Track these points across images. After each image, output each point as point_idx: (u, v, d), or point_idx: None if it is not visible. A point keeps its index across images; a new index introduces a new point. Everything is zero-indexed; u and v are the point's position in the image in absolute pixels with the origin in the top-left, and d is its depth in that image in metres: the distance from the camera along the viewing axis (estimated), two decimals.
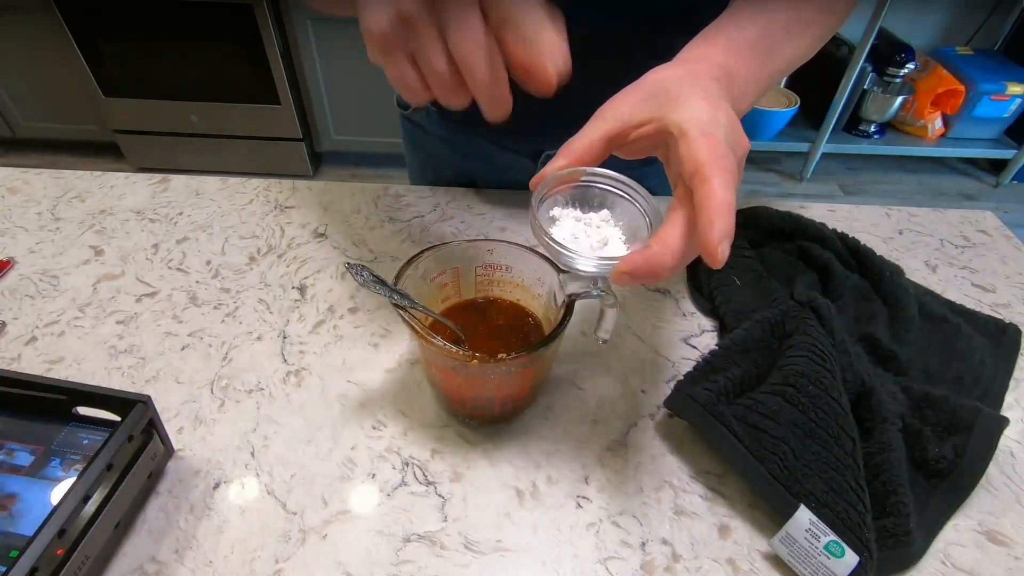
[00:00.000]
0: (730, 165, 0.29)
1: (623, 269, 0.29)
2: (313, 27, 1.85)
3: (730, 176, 0.28)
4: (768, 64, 0.38)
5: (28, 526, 0.33)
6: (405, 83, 0.33)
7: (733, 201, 0.28)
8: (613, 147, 0.34)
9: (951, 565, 0.38)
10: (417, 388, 0.47)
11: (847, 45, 2.07)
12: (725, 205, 0.28)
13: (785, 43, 0.39)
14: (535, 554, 0.37)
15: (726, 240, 0.27)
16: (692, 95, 0.31)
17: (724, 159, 0.29)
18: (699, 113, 0.30)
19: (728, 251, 0.28)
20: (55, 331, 0.50)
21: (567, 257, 0.33)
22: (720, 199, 0.28)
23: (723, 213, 0.27)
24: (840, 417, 0.39)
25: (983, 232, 0.66)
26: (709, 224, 0.27)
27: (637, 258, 0.29)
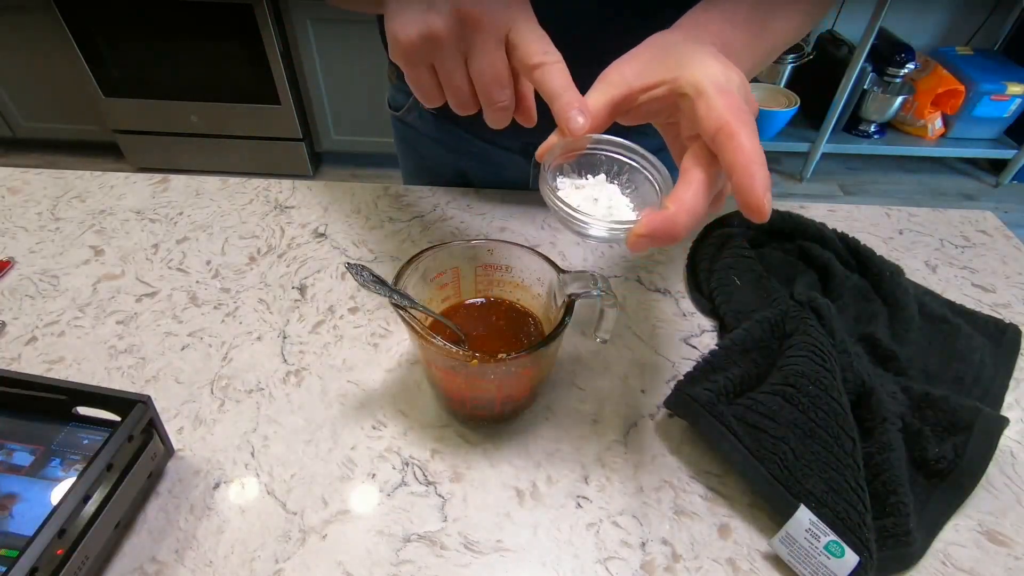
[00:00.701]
0: (751, 121, 0.28)
1: (641, 231, 0.29)
2: (313, 27, 1.85)
3: (754, 131, 0.28)
4: (761, 38, 0.38)
5: (28, 526, 0.33)
6: (422, 89, 0.34)
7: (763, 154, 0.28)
8: (618, 113, 0.33)
9: (951, 565, 0.38)
10: (417, 388, 0.47)
11: (847, 45, 2.07)
12: (758, 156, 0.27)
13: (778, 18, 0.39)
14: (535, 554, 0.37)
15: (768, 191, 0.27)
16: (703, 55, 0.31)
17: (745, 114, 0.28)
18: (714, 72, 0.30)
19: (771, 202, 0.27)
20: (55, 331, 0.50)
21: (579, 224, 0.32)
22: (753, 152, 0.27)
23: (758, 163, 0.27)
24: (840, 417, 0.39)
25: (983, 232, 0.66)
26: (751, 177, 0.27)
27: (655, 219, 0.28)
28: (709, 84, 0.29)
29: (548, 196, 0.32)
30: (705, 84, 0.29)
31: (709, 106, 0.29)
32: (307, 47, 1.89)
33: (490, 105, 0.34)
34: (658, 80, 0.31)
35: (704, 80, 0.29)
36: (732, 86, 0.29)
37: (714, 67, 0.30)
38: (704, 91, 0.29)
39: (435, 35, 0.31)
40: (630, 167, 0.35)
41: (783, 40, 0.41)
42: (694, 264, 0.58)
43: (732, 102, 0.28)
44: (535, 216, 0.64)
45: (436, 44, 0.32)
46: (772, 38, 0.40)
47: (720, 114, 0.28)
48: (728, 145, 0.28)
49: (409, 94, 0.68)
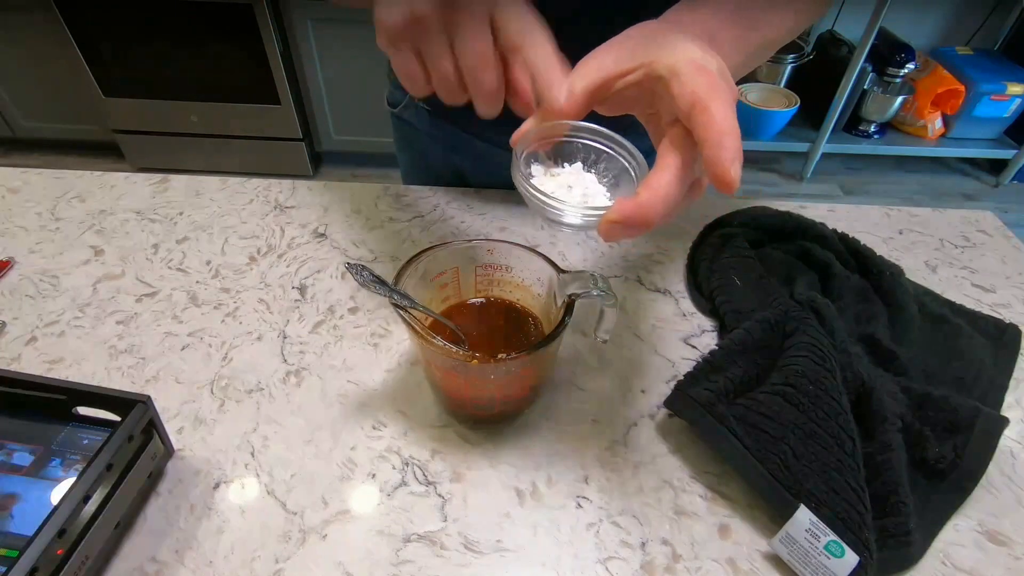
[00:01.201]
0: (728, 96, 0.28)
1: (612, 218, 0.28)
2: (313, 27, 1.85)
3: (729, 105, 0.27)
4: (750, 35, 0.38)
5: (28, 526, 0.33)
6: (408, 75, 0.34)
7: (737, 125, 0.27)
8: (596, 100, 0.33)
9: (951, 565, 0.38)
10: (417, 388, 0.47)
11: (847, 45, 2.07)
12: (731, 128, 0.27)
13: (767, 19, 0.39)
14: (535, 554, 0.37)
15: (738, 162, 0.26)
16: (682, 39, 0.30)
17: (721, 89, 0.28)
18: (690, 53, 0.29)
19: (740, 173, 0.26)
20: (55, 331, 0.50)
21: (553, 210, 0.31)
22: (725, 123, 0.27)
23: (729, 135, 0.26)
24: (840, 417, 0.39)
25: (983, 232, 0.66)
26: (718, 147, 0.26)
27: (627, 205, 0.28)
28: (684, 63, 0.28)
29: (520, 183, 0.32)
30: (680, 64, 0.28)
31: (683, 83, 0.28)
32: (307, 47, 1.89)
33: (476, 89, 0.33)
34: (635, 65, 0.31)
35: (679, 60, 0.29)
36: (709, 65, 0.29)
37: (691, 48, 0.29)
38: (679, 70, 0.28)
39: (419, 17, 0.31)
40: (607, 155, 0.34)
41: (775, 37, 0.40)
42: (694, 264, 0.58)
43: (707, 78, 0.28)
44: (535, 216, 0.64)
45: (420, 27, 0.32)
46: (763, 33, 0.39)
47: (694, 89, 0.27)
48: (700, 119, 0.27)
49: (407, 91, 0.68)
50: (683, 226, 0.63)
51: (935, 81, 2.11)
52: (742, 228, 0.58)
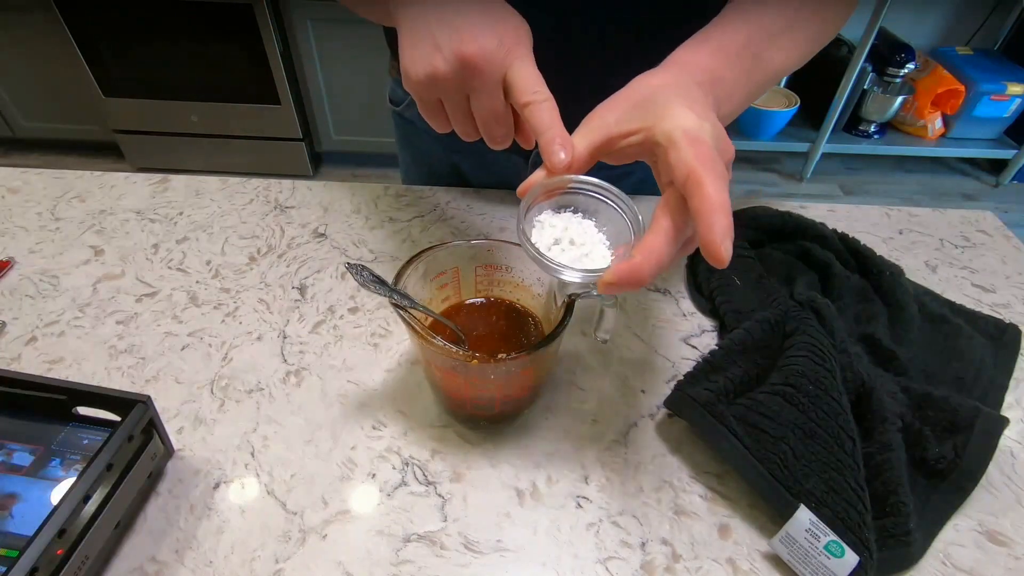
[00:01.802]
0: (720, 169, 0.30)
1: (608, 280, 0.31)
2: (313, 27, 1.85)
3: (722, 179, 0.29)
4: (754, 71, 0.39)
5: (28, 526, 0.33)
6: (431, 118, 0.39)
7: (728, 202, 0.29)
8: (599, 156, 0.35)
9: (951, 565, 0.38)
10: (417, 388, 0.47)
11: (847, 45, 2.07)
12: (722, 205, 0.28)
13: (772, 51, 0.40)
14: (535, 554, 0.37)
15: (728, 239, 0.28)
16: (678, 104, 0.32)
17: (714, 163, 0.29)
18: (686, 122, 0.31)
19: (731, 250, 0.29)
20: (55, 331, 0.50)
21: (553, 269, 0.34)
22: (716, 200, 0.28)
23: (721, 213, 0.28)
24: (840, 417, 0.39)
25: (983, 232, 0.66)
26: (709, 227, 0.28)
27: (622, 268, 0.30)
28: (680, 134, 0.30)
29: (523, 241, 0.34)
30: (676, 134, 0.30)
31: (679, 156, 0.30)
32: (307, 47, 1.89)
33: (489, 138, 0.38)
34: (636, 128, 0.33)
35: (676, 131, 0.30)
36: (704, 134, 0.30)
37: (687, 117, 0.31)
38: (675, 141, 0.30)
39: (440, 77, 0.35)
40: (606, 206, 0.36)
41: (780, 71, 0.42)
42: (694, 264, 0.58)
43: (701, 151, 0.29)
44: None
45: (441, 84, 0.35)
46: (767, 70, 0.40)
47: (689, 163, 0.29)
48: (695, 193, 0.29)
49: None
50: None
51: (935, 81, 2.11)
52: (742, 228, 0.58)
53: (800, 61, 0.44)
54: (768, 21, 0.39)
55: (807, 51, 0.44)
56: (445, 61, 0.34)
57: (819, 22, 0.43)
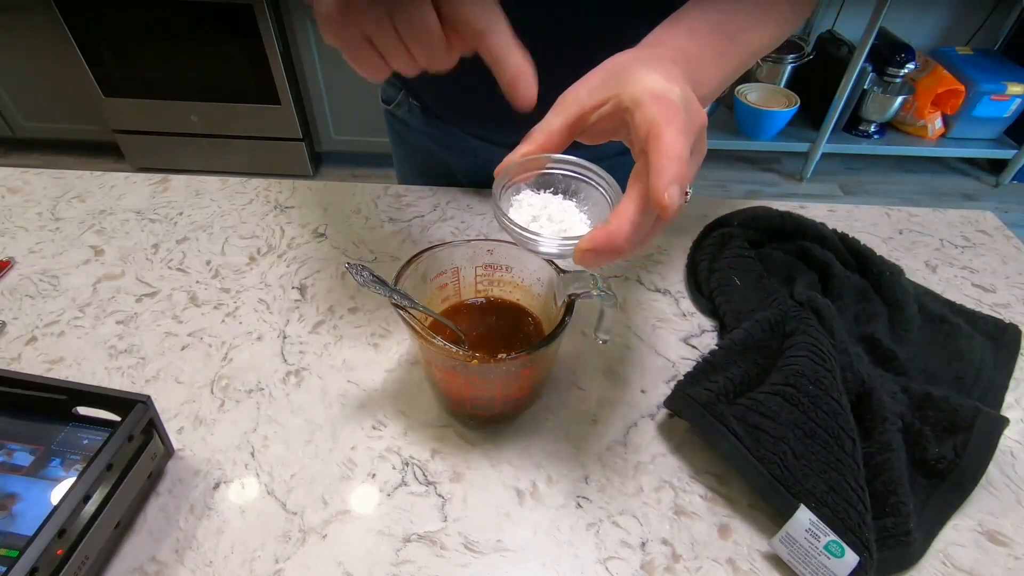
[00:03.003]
0: (682, 123, 0.29)
1: (584, 247, 0.29)
2: (313, 27, 1.85)
3: (683, 132, 0.28)
4: (729, 49, 0.39)
5: (28, 526, 0.33)
6: (361, 63, 0.34)
7: (685, 152, 0.28)
8: (575, 132, 0.34)
9: (951, 565, 0.38)
10: (417, 388, 0.47)
11: (847, 45, 2.07)
12: (676, 153, 0.28)
13: (748, 30, 0.40)
14: (535, 554, 0.37)
15: (675, 185, 0.27)
16: (647, 70, 0.31)
17: (676, 117, 0.29)
18: (653, 84, 0.30)
19: (677, 197, 0.27)
20: (55, 331, 0.50)
21: (529, 240, 0.33)
22: (670, 148, 0.28)
23: (673, 161, 0.27)
24: (840, 417, 0.39)
25: (983, 232, 0.66)
26: (659, 173, 0.27)
27: (598, 234, 0.29)
28: (646, 95, 0.30)
29: (498, 217, 0.33)
30: (643, 96, 0.30)
31: (643, 113, 0.29)
32: (307, 47, 1.89)
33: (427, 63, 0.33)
34: (605, 98, 0.32)
35: (642, 92, 0.30)
36: (671, 95, 0.30)
37: (654, 80, 0.30)
38: (640, 101, 0.30)
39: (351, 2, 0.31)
40: (586, 184, 0.36)
41: (755, 50, 0.42)
42: (694, 264, 0.58)
43: (664, 107, 0.29)
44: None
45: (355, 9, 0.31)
46: (742, 49, 0.40)
47: (650, 117, 0.29)
48: (653, 145, 0.28)
49: (399, 87, 0.68)
50: (683, 226, 0.63)
51: (935, 81, 2.11)
52: (742, 228, 0.58)
53: (773, 42, 0.43)
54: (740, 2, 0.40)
55: (780, 30, 0.44)
56: None
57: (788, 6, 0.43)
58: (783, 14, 0.43)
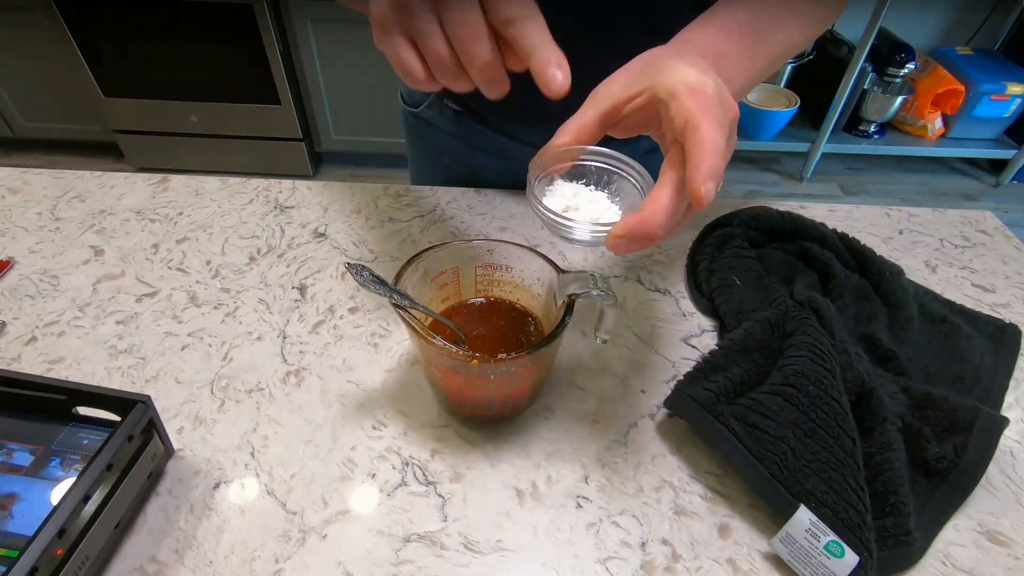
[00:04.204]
0: (719, 116, 0.29)
1: (617, 233, 0.30)
2: (313, 27, 1.85)
3: (719, 125, 0.29)
4: (758, 48, 0.39)
5: (28, 526, 0.33)
6: (405, 66, 0.34)
7: (722, 146, 0.29)
8: (607, 126, 0.34)
9: (951, 565, 0.38)
10: (417, 388, 0.47)
11: (847, 45, 2.07)
12: (714, 147, 0.28)
13: (776, 29, 0.40)
14: (535, 554, 0.37)
15: (711, 180, 0.28)
16: (681, 64, 0.32)
17: (713, 110, 0.29)
18: (687, 76, 0.31)
19: (713, 191, 0.28)
20: (55, 331, 0.50)
21: (562, 227, 0.33)
22: (708, 141, 0.28)
23: (711, 154, 0.28)
24: (840, 417, 0.39)
25: (983, 232, 0.66)
26: (696, 166, 0.28)
27: (631, 220, 0.29)
28: (681, 87, 0.30)
29: (533, 203, 0.34)
30: (678, 87, 0.30)
31: (679, 105, 0.30)
32: (307, 47, 1.89)
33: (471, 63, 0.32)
34: (640, 89, 0.32)
35: (677, 84, 0.30)
36: (706, 87, 0.30)
37: (689, 72, 0.31)
38: (676, 93, 0.30)
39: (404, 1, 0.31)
40: (618, 176, 0.36)
41: (784, 50, 0.42)
42: (694, 264, 0.57)
43: (700, 100, 0.29)
44: (535, 216, 0.64)
45: (406, 9, 0.32)
46: (771, 48, 0.40)
47: (687, 110, 0.29)
48: (690, 137, 0.29)
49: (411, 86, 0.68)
50: None
51: (935, 81, 2.11)
52: (742, 228, 0.58)
53: (804, 41, 0.44)
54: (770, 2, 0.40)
55: (810, 31, 0.44)
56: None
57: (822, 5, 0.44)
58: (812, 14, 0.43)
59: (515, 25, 0.31)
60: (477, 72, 0.33)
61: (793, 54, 0.44)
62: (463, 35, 0.32)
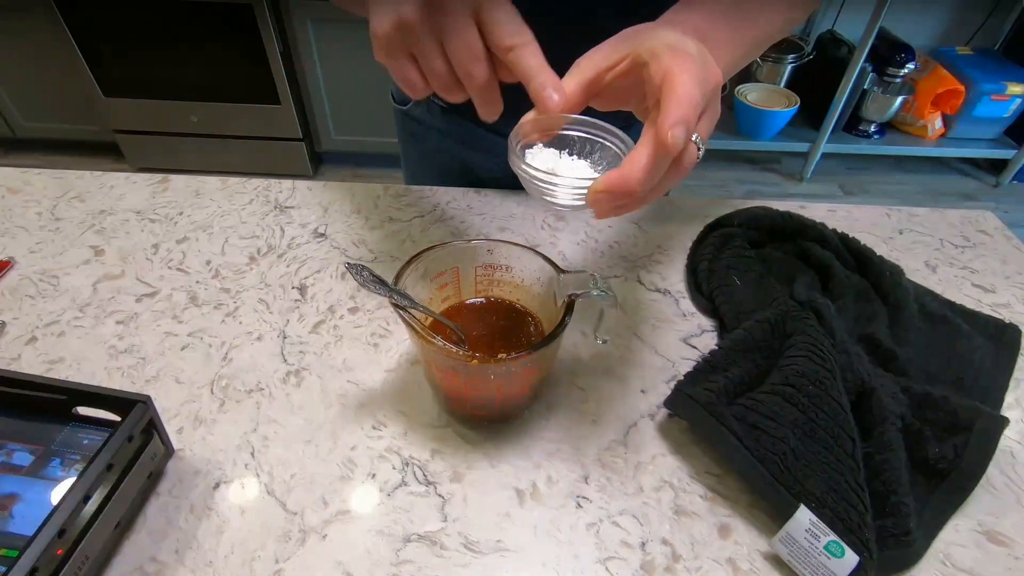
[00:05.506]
0: (698, 71, 0.30)
1: (598, 188, 0.30)
2: (313, 27, 1.85)
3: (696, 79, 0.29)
4: (742, 31, 0.40)
5: (28, 526, 0.33)
6: (407, 81, 0.36)
7: (696, 97, 0.29)
8: (590, 95, 0.35)
9: (951, 565, 0.38)
10: (417, 388, 0.47)
11: (847, 45, 2.07)
12: (687, 97, 0.28)
13: (761, 12, 0.41)
14: (535, 554, 0.37)
15: (680, 126, 0.28)
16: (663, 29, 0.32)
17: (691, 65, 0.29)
18: (669, 38, 0.31)
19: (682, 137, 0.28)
20: (55, 331, 0.50)
21: (546, 187, 0.33)
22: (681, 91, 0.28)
23: (683, 103, 0.28)
24: (840, 417, 0.39)
25: (983, 232, 0.66)
26: (667, 113, 0.28)
27: (612, 175, 0.30)
28: (662, 47, 0.31)
29: (515, 164, 0.34)
30: (659, 48, 0.31)
31: (659, 63, 0.30)
32: (307, 47, 1.89)
33: (469, 83, 0.35)
34: (622, 55, 0.33)
35: (658, 45, 0.31)
36: (687, 48, 0.31)
37: (670, 34, 0.31)
38: (657, 53, 0.31)
39: (406, 22, 0.33)
40: (601, 144, 0.36)
41: (768, 33, 0.42)
42: (694, 264, 0.57)
43: (679, 56, 0.30)
44: (535, 216, 0.64)
45: (409, 30, 0.33)
46: (755, 31, 0.41)
47: (666, 66, 0.30)
48: (666, 89, 0.29)
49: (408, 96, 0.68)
50: (683, 226, 0.63)
51: (935, 81, 2.11)
52: (742, 228, 0.58)
53: (785, 27, 0.44)
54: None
55: (792, 17, 0.45)
56: (410, 5, 0.33)
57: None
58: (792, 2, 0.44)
59: (514, 52, 0.33)
60: (475, 91, 0.35)
61: (775, 39, 0.44)
62: (462, 57, 0.34)
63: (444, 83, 0.35)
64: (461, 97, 0.36)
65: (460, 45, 0.33)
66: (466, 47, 0.33)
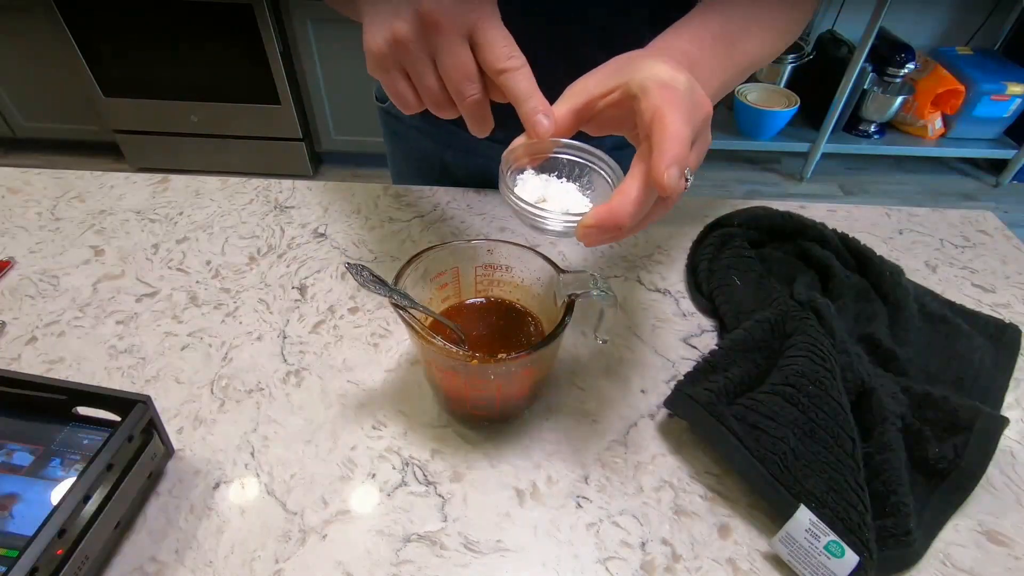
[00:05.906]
0: (687, 109, 0.30)
1: (588, 223, 0.31)
2: (313, 27, 1.85)
3: (685, 117, 0.30)
4: (730, 56, 0.40)
5: (28, 526, 0.33)
6: (399, 96, 0.37)
7: (687, 136, 0.29)
8: (581, 121, 0.35)
9: (951, 565, 0.38)
10: (417, 388, 0.47)
11: (847, 45, 2.07)
12: (678, 136, 0.29)
13: (747, 38, 0.42)
14: (535, 554, 0.37)
15: (674, 167, 0.28)
16: (655, 61, 0.33)
17: (681, 103, 0.30)
18: (659, 72, 0.31)
19: (677, 177, 0.29)
20: (55, 331, 0.50)
21: (535, 217, 0.34)
22: (672, 131, 0.29)
23: (674, 142, 0.29)
24: (840, 417, 0.39)
25: (983, 232, 0.66)
26: (660, 153, 0.28)
27: (601, 211, 0.30)
28: (653, 82, 0.31)
29: (505, 193, 0.34)
30: (649, 82, 0.31)
31: (649, 99, 0.30)
32: (307, 47, 1.89)
33: (460, 101, 0.35)
34: (614, 86, 0.33)
35: (649, 79, 0.31)
36: (677, 84, 0.31)
37: (662, 69, 0.32)
38: (647, 88, 0.31)
39: (400, 39, 0.33)
40: (590, 169, 0.37)
41: (755, 59, 0.43)
42: (694, 264, 0.57)
43: (669, 93, 0.30)
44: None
45: (402, 47, 0.34)
46: (743, 57, 0.42)
47: (656, 103, 0.30)
48: (656, 128, 0.29)
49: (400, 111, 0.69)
50: (683, 226, 0.63)
51: (935, 81, 2.11)
52: (742, 228, 0.58)
53: (772, 52, 0.45)
54: (741, 13, 0.41)
55: (778, 43, 0.45)
56: (405, 22, 0.33)
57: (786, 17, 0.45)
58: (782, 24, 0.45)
59: (506, 75, 0.34)
60: (466, 109, 0.36)
61: (762, 64, 0.45)
62: (455, 76, 0.34)
63: (436, 100, 0.36)
64: (452, 114, 0.37)
65: (453, 64, 0.34)
66: (458, 66, 0.34)
